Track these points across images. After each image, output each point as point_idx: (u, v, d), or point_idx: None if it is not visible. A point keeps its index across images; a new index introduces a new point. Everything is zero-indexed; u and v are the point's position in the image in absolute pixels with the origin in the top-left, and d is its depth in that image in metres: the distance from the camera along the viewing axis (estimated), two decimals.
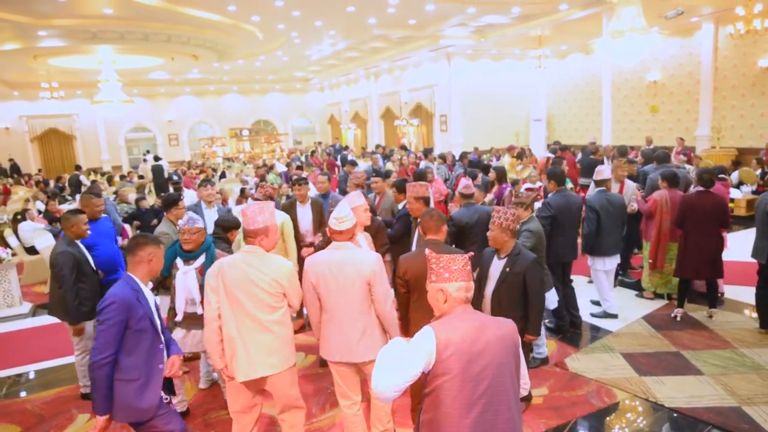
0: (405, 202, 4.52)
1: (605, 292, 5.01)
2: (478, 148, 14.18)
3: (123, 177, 14.42)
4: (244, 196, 8.80)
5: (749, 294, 4.94)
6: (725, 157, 11.08)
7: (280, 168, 13.32)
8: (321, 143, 20.55)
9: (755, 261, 4.51)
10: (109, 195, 9.94)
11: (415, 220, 4.09)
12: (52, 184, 14.12)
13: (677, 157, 9.38)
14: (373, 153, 13.08)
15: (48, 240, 7.29)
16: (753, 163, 10.04)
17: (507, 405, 1.84)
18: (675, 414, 3.42)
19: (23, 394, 4.21)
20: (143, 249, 2.52)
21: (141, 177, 14.39)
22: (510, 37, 13.71)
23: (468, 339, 1.81)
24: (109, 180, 15.78)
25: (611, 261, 4.94)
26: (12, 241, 7.83)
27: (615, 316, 4.97)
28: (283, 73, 21.31)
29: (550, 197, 4.77)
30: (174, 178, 11.33)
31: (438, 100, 16.48)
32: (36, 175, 17.20)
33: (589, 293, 5.44)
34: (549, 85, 16.91)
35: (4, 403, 4.05)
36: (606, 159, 9.25)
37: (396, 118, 18.58)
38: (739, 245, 5.47)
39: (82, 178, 14.12)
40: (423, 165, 8.72)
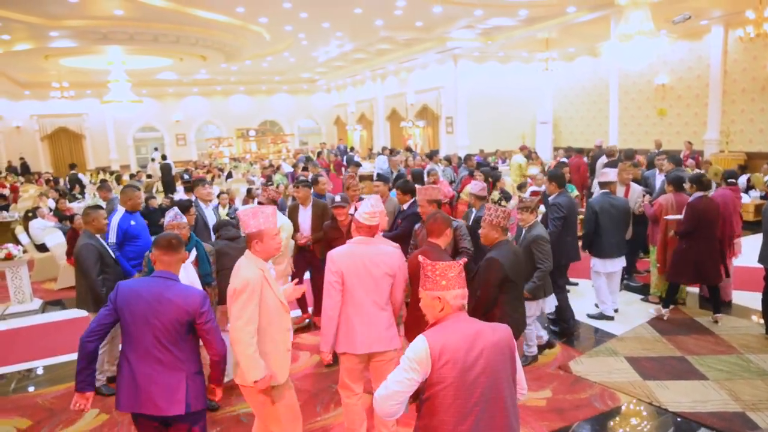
0: (410, 202, 4.55)
1: (603, 294, 5.02)
2: (483, 150, 14.17)
3: (132, 176, 14.54)
4: (250, 196, 8.86)
5: (756, 300, 4.92)
6: (733, 162, 11.01)
7: (286, 168, 13.39)
8: (325, 144, 20.59)
9: (762, 266, 4.49)
10: (118, 194, 10.04)
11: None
12: (62, 182, 14.28)
13: (684, 162, 9.33)
14: (392, 155, 12.07)
15: (58, 238, 7.39)
16: (764, 168, 9.94)
17: (503, 411, 1.85)
18: (679, 418, 3.42)
19: (34, 388, 4.29)
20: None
21: (149, 176, 14.50)
22: (517, 40, 13.70)
23: (463, 347, 1.81)
24: (118, 179, 15.93)
25: (612, 264, 4.93)
26: (23, 239, 7.94)
27: (611, 318, 4.98)
28: (290, 74, 21.40)
29: (557, 198, 4.80)
30: (185, 176, 11.44)
31: (444, 102, 16.49)
32: (45, 174, 17.40)
33: (582, 296, 5.48)
34: (556, 88, 16.86)
35: (15, 397, 4.13)
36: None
37: (402, 119, 18.61)
38: (747, 251, 5.43)
39: (80, 176, 14.27)
40: (429, 167, 8.75)
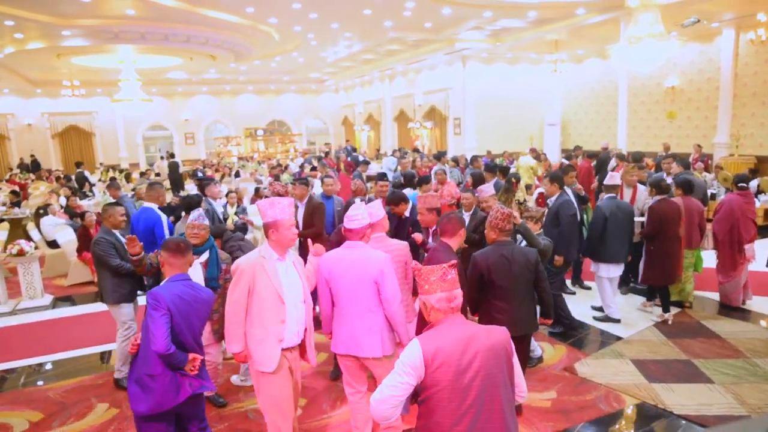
0: (409, 208, 4.57)
1: (608, 298, 5.01)
2: (490, 151, 14.14)
3: (142, 174, 14.68)
4: (258, 195, 8.93)
5: (763, 304, 4.90)
6: (743, 165, 10.92)
7: (294, 168, 13.48)
8: (331, 144, 20.67)
9: None
10: (128, 192, 10.16)
11: (426, 230, 4.15)
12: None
13: (693, 165, 9.28)
14: (403, 157, 11.38)
15: (69, 234, 7.49)
16: None
17: (499, 414, 1.85)
18: (684, 421, 3.42)
19: (44, 382, 4.35)
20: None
21: (158, 174, 14.64)
22: (526, 41, 13.67)
23: (456, 351, 1.83)
24: (127, 177, 16.08)
25: (616, 268, 4.92)
26: (34, 235, 8.06)
27: (618, 320, 4.97)
28: (299, 74, 21.49)
29: (563, 198, 4.84)
30: (199, 174, 11.58)
31: (452, 103, 16.50)
32: (55, 171, 17.61)
33: (593, 299, 5.47)
34: (564, 90, 16.81)
35: (27, 391, 4.20)
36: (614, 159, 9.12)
37: (410, 120, 18.63)
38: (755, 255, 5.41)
39: (86, 174, 14.43)
40: (436, 168, 8.75)
